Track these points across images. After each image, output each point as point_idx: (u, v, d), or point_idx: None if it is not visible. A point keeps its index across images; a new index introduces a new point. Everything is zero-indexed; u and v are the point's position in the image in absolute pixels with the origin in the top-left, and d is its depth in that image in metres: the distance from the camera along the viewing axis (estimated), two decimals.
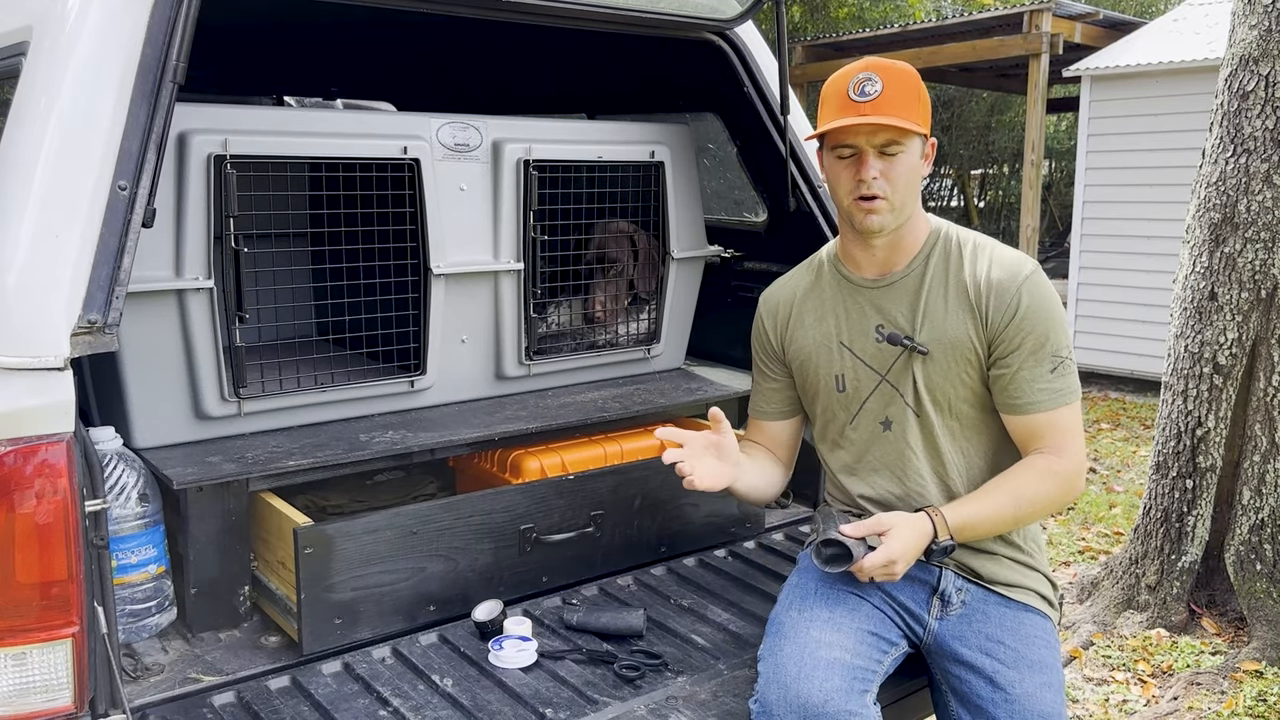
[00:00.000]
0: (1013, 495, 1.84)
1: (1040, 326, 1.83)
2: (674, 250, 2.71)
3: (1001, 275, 1.86)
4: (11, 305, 1.45)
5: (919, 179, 1.88)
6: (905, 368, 1.90)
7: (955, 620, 1.90)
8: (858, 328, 1.95)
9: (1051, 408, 1.84)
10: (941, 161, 17.34)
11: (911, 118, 1.81)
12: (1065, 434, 1.85)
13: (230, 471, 1.97)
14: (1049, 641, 1.88)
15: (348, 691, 1.80)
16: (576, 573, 2.21)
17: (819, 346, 2.00)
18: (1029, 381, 1.83)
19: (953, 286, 1.89)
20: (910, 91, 1.83)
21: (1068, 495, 1.87)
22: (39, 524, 1.45)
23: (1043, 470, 1.85)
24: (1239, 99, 3.66)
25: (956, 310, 1.87)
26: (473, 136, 2.39)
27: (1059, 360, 1.84)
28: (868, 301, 1.95)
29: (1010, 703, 1.78)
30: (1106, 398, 7.94)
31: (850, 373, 1.96)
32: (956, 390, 1.89)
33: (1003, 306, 1.84)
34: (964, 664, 1.85)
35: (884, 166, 1.83)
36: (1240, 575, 3.78)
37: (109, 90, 1.58)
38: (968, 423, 1.91)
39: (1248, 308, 3.68)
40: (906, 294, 1.91)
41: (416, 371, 2.37)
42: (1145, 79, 7.77)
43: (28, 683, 1.48)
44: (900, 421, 1.92)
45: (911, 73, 1.85)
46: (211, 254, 2.05)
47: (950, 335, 1.87)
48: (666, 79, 2.99)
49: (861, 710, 1.68)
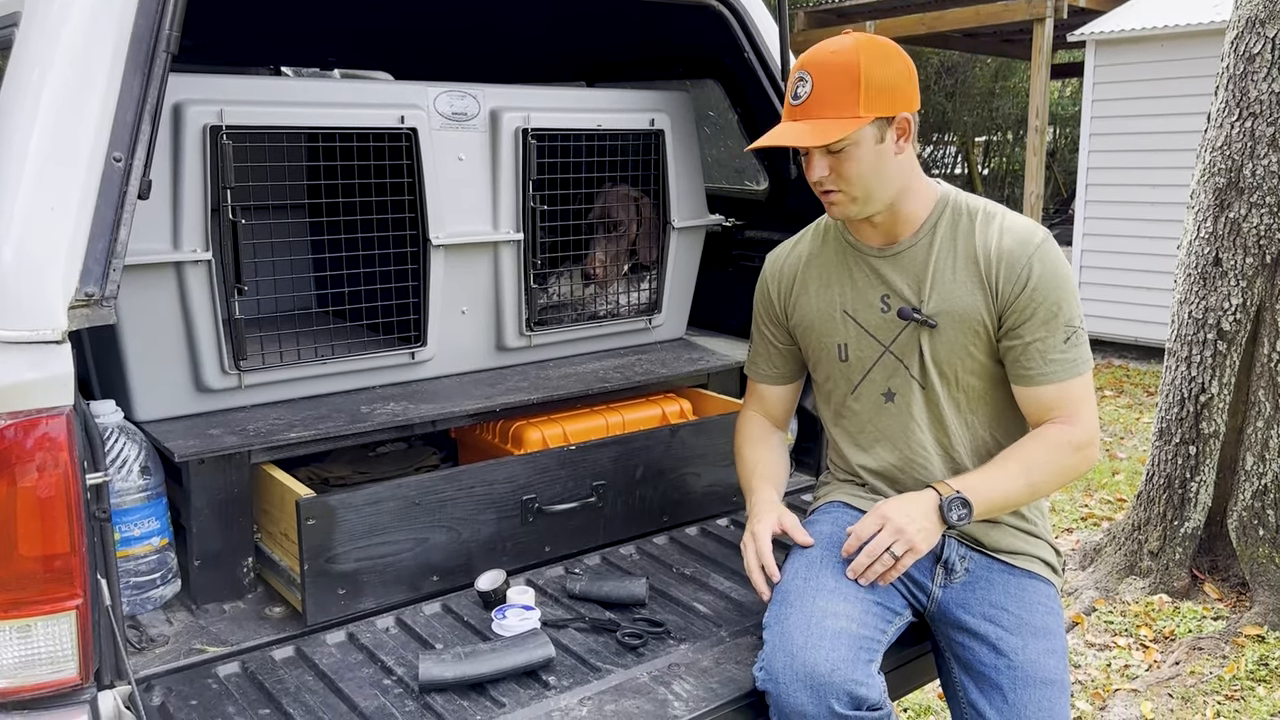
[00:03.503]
0: (1024, 464, 1.82)
1: (1053, 296, 1.79)
2: (675, 219, 2.70)
3: (1012, 244, 1.82)
4: (8, 279, 1.44)
5: (884, 163, 1.79)
6: (911, 339, 1.88)
7: (959, 588, 1.90)
8: (863, 297, 1.93)
9: (1064, 379, 1.81)
10: (945, 128, 17.23)
11: (846, 111, 1.73)
12: (1078, 404, 1.82)
13: (232, 444, 1.97)
14: (1051, 608, 1.88)
15: (352, 661, 1.81)
16: (579, 542, 2.22)
17: (822, 314, 1.98)
18: (1041, 353, 1.80)
19: (961, 256, 1.85)
20: (845, 82, 1.73)
21: (1082, 465, 1.84)
22: (40, 497, 1.45)
23: (1055, 440, 1.82)
24: (1245, 62, 3.62)
25: (965, 281, 1.84)
26: (470, 105, 2.37)
27: (1072, 330, 1.81)
28: (873, 271, 1.92)
29: (1013, 669, 1.79)
30: (1110, 365, 7.93)
31: (854, 342, 1.94)
32: (964, 362, 1.86)
33: (1013, 277, 1.80)
34: (967, 631, 1.86)
35: (833, 162, 1.79)
36: (1242, 541, 3.79)
37: (102, 61, 1.56)
38: (973, 394, 1.89)
39: (1252, 273, 3.66)
40: (913, 264, 1.88)
41: (417, 343, 2.36)
42: (1150, 43, 7.69)
43: (33, 654, 1.49)
44: (904, 394, 1.91)
45: (849, 57, 1.74)
46: (209, 226, 2.04)
47: (958, 307, 1.84)
48: (666, 45, 2.96)
49: (867, 680, 1.68)
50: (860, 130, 1.75)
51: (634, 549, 2.27)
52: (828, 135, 1.74)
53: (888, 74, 1.76)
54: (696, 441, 2.35)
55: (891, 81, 1.76)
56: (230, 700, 1.69)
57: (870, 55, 1.75)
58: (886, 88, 1.76)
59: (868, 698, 1.66)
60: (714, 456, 2.38)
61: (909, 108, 1.80)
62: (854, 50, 1.75)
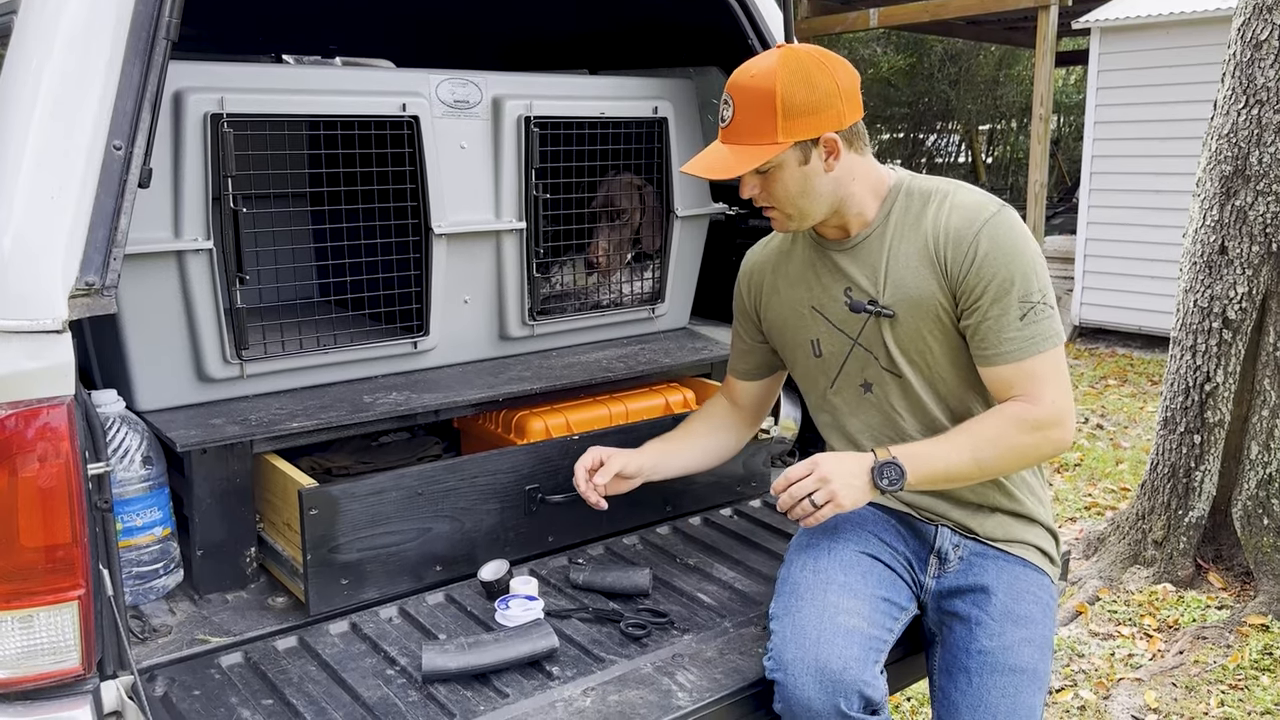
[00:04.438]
0: (973, 439, 1.77)
1: (1002, 271, 1.73)
2: (678, 208, 2.69)
3: (959, 222, 1.77)
4: (8, 268, 1.43)
5: (811, 183, 1.76)
6: (875, 331, 1.86)
7: (952, 576, 1.90)
8: (828, 292, 1.91)
9: (1022, 357, 1.74)
10: (949, 117, 17.17)
11: (764, 138, 1.71)
12: (1039, 383, 1.75)
13: (234, 434, 1.96)
14: (1040, 597, 1.86)
15: (355, 651, 1.81)
16: (582, 532, 2.21)
17: (792, 312, 1.97)
18: (995, 331, 1.75)
19: (914, 240, 1.81)
20: (761, 108, 1.70)
21: (1044, 446, 1.78)
22: (41, 487, 1.44)
23: (1010, 416, 1.76)
24: (1252, 49, 3.59)
25: (918, 266, 1.80)
26: (472, 93, 2.35)
27: (1029, 306, 1.73)
28: (835, 265, 1.90)
29: (983, 654, 1.77)
30: (1114, 353, 7.91)
31: (825, 337, 1.93)
32: (930, 348, 1.83)
33: (960, 255, 1.75)
34: (952, 614, 1.86)
35: (761, 182, 1.78)
36: (1247, 530, 3.78)
37: (102, 48, 1.55)
38: (950, 380, 1.85)
39: (1258, 261, 3.65)
40: (869, 255, 1.85)
41: (419, 332, 2.35)
42: (1156, 30, 7.65)
43: (35, 645, 1.49)
44: (880, 384, 1.89)
45: (766, 83, 1.70)
46: (210, 215, 2.03)
47: (913, 294, 1.80)
48: (669, 32, 2.94)
49: (873, 681, 1.68)
50: (780, 155, 1.73)
51: (637, 539, 2.27)
52: (742, 165, 1.73)
53: (811, 97, 1.71)
54: None
55: (816, 103, 1.71)
56: (233, 690, 1.69)
57: (790, 78, 1.71)
58: (807, 110, 1.71)
59: (873, 699, 1.66)
60: None
61: (836, 125, 1.74)
62: (771, 75, 1.71)
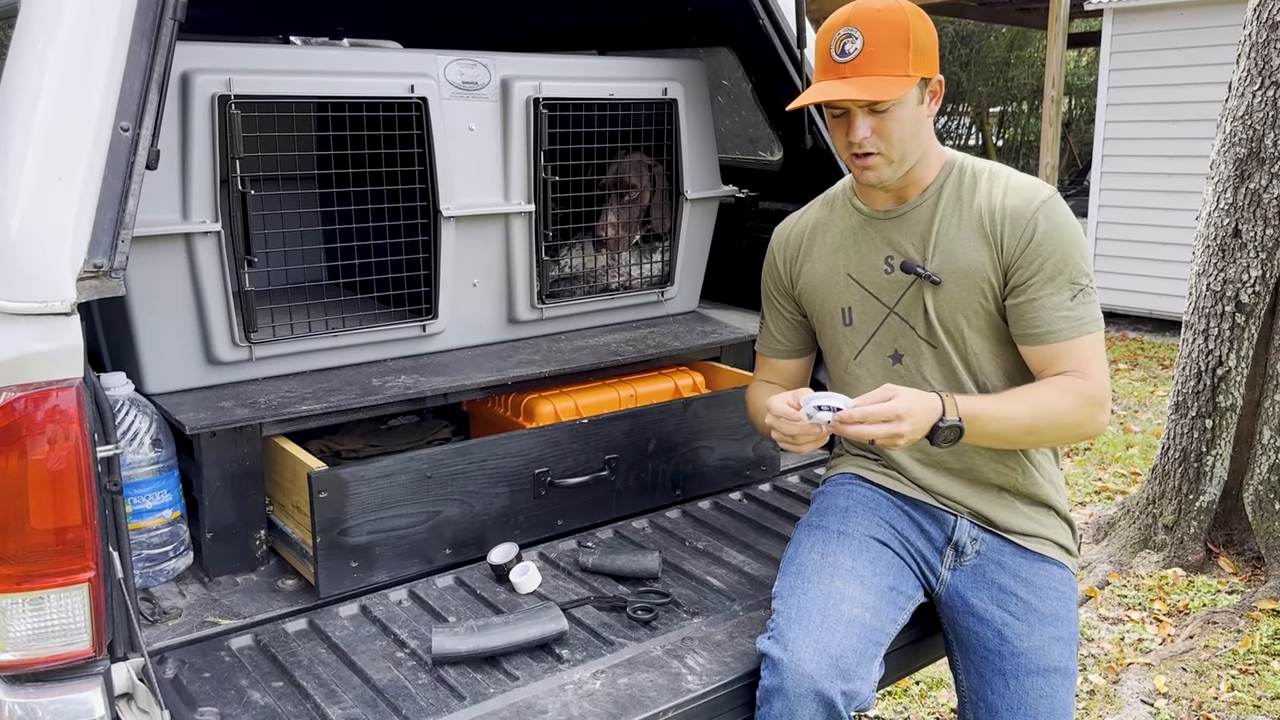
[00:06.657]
0: (1030, 403, 1.77)
1: (1058, 251, 1.76)
2: (687, 190, 2.67)
3: (1017, 201, 1.79)
4: (15, 250, 1.43)
5: (920, 125, 1.78)
6: (915, 298, 1.85)
7: (969, 570, 1.88)
8: (866, 260, 1.91)
9: (1071, 336, 1.76)
10: (959, 99, 17.05)
11: (897, 70, 1.71)
12: (1088, 361, 1.77)
13: (243, 416, 1.96)
14: (1063, 593, 1.86)
15: (365, 634, 1.81)
16: (591, 516, 2.21)
17: (826, 279, 1.96)
18: (1047, 309, 1.76)
19: (966, 215, 1.82)
20: (896, 40, 1.71)
21: (1088, 421, 1.78)
22: (51, 470, 1.44)
23: (1065, 387, 1.77)
24: (1268, 29, 3.55)
25: (970, 238, 1.81)
26: (481, 74, 2.34)
27: (1079, 287, 1.77)
28: (878, 234, 1.90)
29: (1017, 655, 1.78)
30: (1125, 337, 7.88)
31: (857, 305, 1.92)
32: (969, 320, 1.83)
33: (1018, 232, 1.77)
34: (974, 615, 1.84)
35: (875, 123, 1.75)
36: (1258, 515, 3.77)
37: (108, 29, 1.54)
38: (983, 354, 1.85)
39: (1272, 245, 3.61)
40: (918, 224, 1.86)
41: (428, 316, 2.34)
42: (1169, 11, 7.57)
43: (46, 627, 1.49)
44: (913, 355, 1.88)
45: (898, 15, 1.72)
46: (218, 197, 2.02)
47: (963, 263, 1.81)
48: (679, 12, 2.92)
49: (868, 676, 1.68)
50: (908, 90, 1.74)
51: (646, 523, 2.27)
52: (888, 92, 1.71)
53: (929, 36, 1.75)
54: (709, 415, 2.33)
55: (931, 43, 1.76)
56: (243, 672, 1.69)
57: (915, 14, 1.75)
58: (928, 48, 1.75)
59: (859, 692, 1.65)
60: (726, 430, 2.36)
61: (939, 71, 1.80)
62: (901, 9, 1.74)
